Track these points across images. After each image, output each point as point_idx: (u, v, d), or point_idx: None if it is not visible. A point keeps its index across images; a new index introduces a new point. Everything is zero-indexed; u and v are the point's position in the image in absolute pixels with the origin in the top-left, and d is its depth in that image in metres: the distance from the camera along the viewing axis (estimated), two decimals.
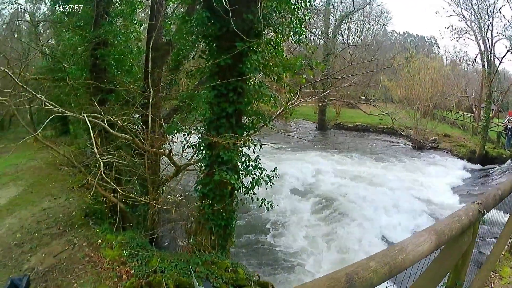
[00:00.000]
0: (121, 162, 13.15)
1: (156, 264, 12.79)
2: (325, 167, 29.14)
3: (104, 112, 12.48)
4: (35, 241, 16.70)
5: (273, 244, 18.08)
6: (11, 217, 20.30)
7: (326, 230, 19.31)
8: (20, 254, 15.95)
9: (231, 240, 14.33)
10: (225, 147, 12.19)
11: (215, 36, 12.43)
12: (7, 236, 17.90)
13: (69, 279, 13.49)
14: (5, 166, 30.20)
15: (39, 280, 13.74)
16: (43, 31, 30.86)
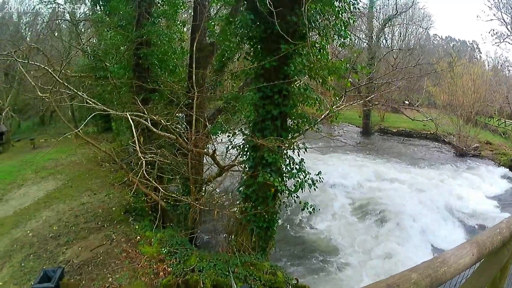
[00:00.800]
0: (163, 161, 13.41)
1: (195, 263, 13.05)
2: (368, 172, 29.15)
3: (147, 111, 12.81)
4: (72, 235, 17.28)
5: (313, 248, 18.20)
6: (48, 210, 20.99)
7: (366, 235, 19.37)
8: (55, 247, 16.52)
9: (272, 242, 14.46)
10: (270, 149, 12.30)
11: (259, 38, 12.61)
12: (43, 228, 18.61)
13: (105, 273, 13.90)
14: (44, 160, 31.12)
15: (73, 273, 14.20)
16: (83, 30, 31.72)
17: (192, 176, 14.53)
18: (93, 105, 13.22)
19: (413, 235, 19.16)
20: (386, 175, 28.88)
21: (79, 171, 27.91)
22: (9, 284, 14.40)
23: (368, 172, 29.32)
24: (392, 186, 26.22)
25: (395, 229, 19.79)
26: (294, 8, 11.65)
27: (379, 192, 25.18)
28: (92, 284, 13.40)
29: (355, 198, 24.39)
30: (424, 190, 25.83)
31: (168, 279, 12.86)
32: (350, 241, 18.93)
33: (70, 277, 13.87)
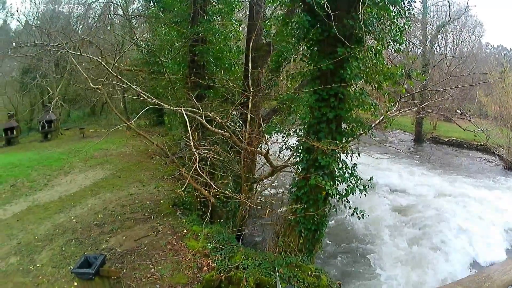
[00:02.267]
0: (216, 157, 13.59)
1: (240, 260, 13.21)
2: (417, 181, 28.94)
3: (202, 107, 12.99)
4: (117, 224, 17.71)
5: (359, 254, 18.26)
6: (94, 198, 21.53)
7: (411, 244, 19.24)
8: (99, 234, 17.00)
9: (319, 245, 14.56)
10: (324, 152, 12.38)
11: (316, 40, 12.68)
12: (88, 215, 19.15)
13: (147, 263, 14.24)
14: (94, 150, 31.93)
15: (115, 261, 14.57)
16: (137, 25, 32.45)
17: (244, 174, 14.68)
18: (146, 99, 13.59)
19: (456, 249, 18.92)
20: (434, 185, 28.48)
21: (129, 163, 28.54)
22: (47, 267, 14.85)
23: (417, 181, 29.02)
24: (439, 197, 25.88)
25: (437, 241, 19.60)
26: (351, 11, 11.69)
27: (426, 201, 24.91)
28: (133, 273, 13.76)
29: (400, 205, 24.22)
30: (470, 203, 25.42)
31: (211, 274, 13.09)
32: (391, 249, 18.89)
33: (112, 264, 14.23)
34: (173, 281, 13.16)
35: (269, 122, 17.61)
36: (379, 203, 23.70)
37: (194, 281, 13.08)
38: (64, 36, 24.50)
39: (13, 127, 44.31)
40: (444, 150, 44.42)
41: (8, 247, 17.07)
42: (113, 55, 16.11)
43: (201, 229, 15.53)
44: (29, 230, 18.53)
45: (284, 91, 21.28)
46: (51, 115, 42.59)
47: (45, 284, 13.85)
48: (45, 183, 25.58)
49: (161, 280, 13.26)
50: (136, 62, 28.15)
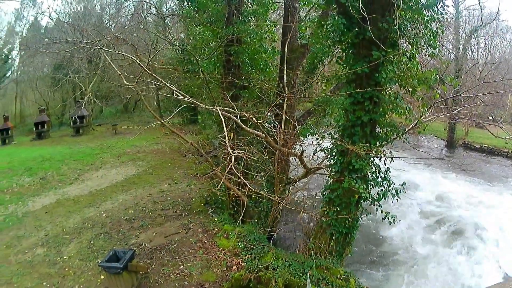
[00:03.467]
0: (251, 157, 13.60)
1: (270, 260, 13.22)
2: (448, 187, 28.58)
3: (237, 107, 13.08)
4: (147, 220, 17.88)
5: (389, 259, 18.11)
6: (125, 193, 21.78)
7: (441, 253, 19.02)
8: (128, 229, 17.21)
9: (349, 249, 14.46)
10: (358, 155, 12.38)
11: (351, 43, 12.64)
12: (118, 210, 19.39)
13: (176, 260, 14.33)
14: (126, 146, 32.37)
15: (144, 256, 14.70)
16: (171, 24, 32.76)
17: (278, 175, 14.71)
18: (182, 97, 13.68)
19: (486, 257, 18.71)
20: (465, 192, 28.12)
21: (161, 160, 28.74)
22: (74, 259, 15.11)
23: (448, 187, 28.67)
24: (470, 205, 25.51)
25: (466, 248, 19.41)
26: (385, 15, 11.69)
27: (456, 208, 24.61)
28: (161, 269, 13.89)
29: (430, 212, 23.97)
30: (501, 211, 25.01)
31: (240, 273, 13.13)
32: (418, 255, 18.71)
33: (140, 260, 14.38)
34: (202, 279, 13.21)
35: (304, 124, 17.61)
36: (409, 208, 23.49)
37: (222, 280, 13.12)
38: (97, 33, 24.79)
39: (44, 122, 44.93)
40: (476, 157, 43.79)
41: (35, 238, 17.39)
42: (146, 53, 16.23)
43: (232, 228, 15.63)
44: (58, 223, 18.81)
45: (318, 93, 21.19)
46: (83, 110, 43.17)
47: (71, 276, 14.07)
48: (75, 177, 25.94)
49: (189, 277, 13.33)
50: (170, 61, 28.38)
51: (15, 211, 21.09)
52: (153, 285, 13.12)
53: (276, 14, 25.66)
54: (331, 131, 15.12)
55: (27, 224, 19.20)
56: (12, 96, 62.80)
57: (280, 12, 25.16)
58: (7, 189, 24.64)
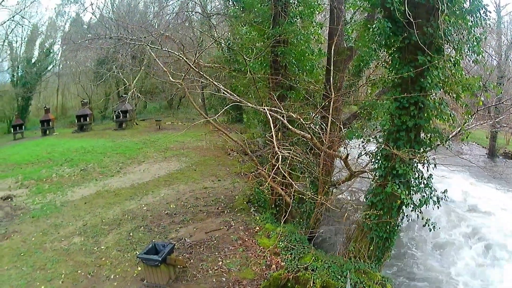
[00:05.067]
0: (297, 158, 13.72)
1: (310, 261, 13.24)
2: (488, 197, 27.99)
3: (283, 108, 13.23)
4: (188, 215, 18.12)
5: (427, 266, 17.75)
6: (168, 188, 22.06)
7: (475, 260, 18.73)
8: (169, 223, 17.49)
9: (388, 254, 14.44)
10: (402, 160, 12.39)
11: (397, 47, 12.63)
12: (160, 204, 19.69)
13: (216, 256, 14.47)
14: (170, 142, 33.03)
15: (183, 251, 14.91)
16: (216, 23, 33.06)
17: (322, 176, 14.70)
18: (229, 96, 13.84)
19: None
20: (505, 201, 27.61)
21: (205, 157, 29.06)
22: (112, 250, 15.42)
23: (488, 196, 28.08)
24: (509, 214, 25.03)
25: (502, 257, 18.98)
26: (430, 19, 11.67)
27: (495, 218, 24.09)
28: (200, 264, 14.01)
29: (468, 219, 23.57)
30: None
31: (279, 273, 13.16)
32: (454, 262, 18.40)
33: (179, 254, 14.56)
34: (240, 276, 13.28)
35: (349, 127, 17.61)
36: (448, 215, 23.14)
37: (261, 278, 13.17)
38: (142, 30, 25.17)
39: (87, 115, 45.76)
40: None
41: (73, 227, 17.83)
42: (192, 51, 16.40)
43: (274, 228, 15.75)
44: (97, 213, 19.23)
45: (364, 96, 21.13)
46: (126, 105, 43.81)
47: (107, 266, 14.37)
48: (117, 170, 26.44)
49: (227, 274, 13.42)
50: (216, 59, 28.59)
51: (53, 200, 21.66)
52: (190, 279, 13.25)
53: (321, 16, 25.66)
54: (376, 135, 15.10)
55: (65, 213, 19.67)
56: (54, 89, 64.25)
57: (325, 14, 25.16)
58: (46, 179, 25.31)
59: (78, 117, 46.52)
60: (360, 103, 18.17)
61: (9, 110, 58.78)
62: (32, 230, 18.03)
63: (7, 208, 21.31)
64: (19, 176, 26.30)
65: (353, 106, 20.58)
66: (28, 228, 18.40)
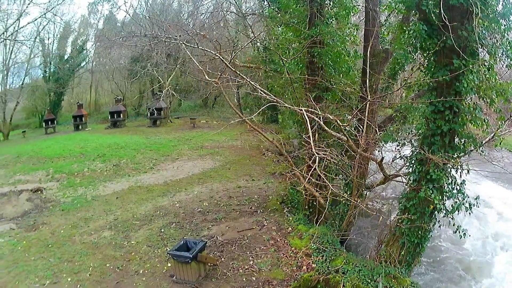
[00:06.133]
0: (333, 160, 13.70)
1: (341, 264, 13.19)
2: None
3: (320, 109, 13.22)
4: (221, 213, 18.30)
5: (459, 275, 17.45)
6: (201, 186, 22.35)
7: (503, 269, 18.42)
8: (201, 221, 17.68)
9: (418, 259, 14.34)
10: (436, 165, 12.34)
11: (432, 50, 12.55)
12: (192, 202, 19.93)
13: (247, 255, 14.59)
14: (204, 140, 33.51)
15: (214, 249, 15.08)
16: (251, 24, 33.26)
17: (356, 179, 14.71)
18: (265, 96, 13.96)
19: None
20: None
21: (239, 156, 29.35)
22: (142, 245, 15.66)
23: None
24: None
25: None
26: (464, 23, 11.56)
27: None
28: (231, 263, 14.14)
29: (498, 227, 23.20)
30: None
31: (310, 274, 13.16)
32: (483, 271, 18.11)
33: (210, 251, 14.70)
34: (270, 276, 13.33)
35: (385, 130, 17.61)
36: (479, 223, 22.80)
37: (291, 279, 13.19)
38: (177, 29, 25.41)
39: (120, 111, 46.49)
40: None
41: (103, 221, 18.20)
42: (228, 51, 16.54)
43: (306, 229, 15.78)
44: (128, 209, 19.54)
45: (399, 99, 20.99)
46: (161, 103, 44.45)
47: (136, 260, 14.59)
48: (150, 166, 26.91)
49: (258, 273, 13.51)
50: (253, 59, 28.71)
51: (84, 194, 22.22)
52: (220, 277, 13.36)
53: (355, 17, 25.58)
54: (411, 138, 15.05)
55: (96, 207, 20.07)
56: (87, 85, 65.58)
57: (359, 16, 25.08)
58: (78, 173, 25.97)
59: (112, 113, 47.39)
60: (395, 106, 18.04)
61: (41, 105, 60.60)
62: (62, 223, 18.46)
63: (37, 200, 21.88)
64: (50, 169, 26.95)
65: (387, 109, 20.44)
66: (58, 220, 18.84)
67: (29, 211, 20.69)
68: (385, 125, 18.35)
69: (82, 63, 66.69)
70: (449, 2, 11.23)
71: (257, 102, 37.97)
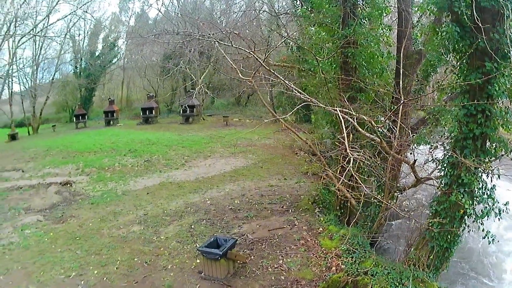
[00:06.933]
0: (366, 161, 13.76)
1: (370, 266, 13.11)
2: None
3: (353, 110, 13.14)
4: (252, 212, 18.37)
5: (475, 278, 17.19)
6: (233, 184, 22.51)
7: None
8: (232, 219, 17.80)
9: (446, 264, 14.26)
10: (467, 169, 12.31)
11: (465, 53, 12.46)
12: (224, 199, 20.06)
13: (277, 254, 14.59)
14: (236, 138, 33.46)
15: (244, 247, 15.17)
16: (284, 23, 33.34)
17: (388, 181, 14.69)
18: (299, 95, 13.99)
19: None
20: None
21: (272, 155, 29.40)
22: (171, 241, 15.80)
23: None
24: None
25: None
26: (496, 25, 11.52)
27: None
28: (260, 261, 14.15)
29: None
30: None
31: (339, 275, 13.14)
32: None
33: (240, 249, 14.76)
34: (299, 276, 13.32)
35: (417, 132, 17.60)
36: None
37: (319, 279, 13.16)
38: (210, 27, 25.64)
39: (152, 108, 47.00)
40: None
41: (133, 216, 18.44)
42: (262, 50, 16.64)
43: (337, 230, 15.78)
44: (159, 204, 19.77)
45: (431, 101, 20.86)
46: (194, 100, 44.78)
47: (165, 256, 14.73)
48: (182, 163, 27.20)
49: (287, 273, 13.52)
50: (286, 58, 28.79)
51: (114, 189, 22.59)
52: (249, 275, 13.38)
53: (387, 18, 25.49)
54: (443, 141, 14.99)
55: (126, 202, 20.35)
56: (119, 82, 66.55)
57: (391, 16, 24.99)
58: (109, 167, 26.43)
59: (144, 109, 48.00)
60: (428, 108, 17.92)
61: (72, 100, 62.08)
62: (90, 216, 18.79)
63: (66, 193, 22.36)
64: (80, 163, 27.50)
65: (419, 111, 20.31)
66: (86, 213, 19.19)
67: (57, 203, 21.10)
68: (418, 127, 18.29)
69: (114, 59, 68.32)
70: (481, 4, 11.22)
71: (290, 101, 38.30)
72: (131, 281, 13.21)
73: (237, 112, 54.89)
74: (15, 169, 27.77)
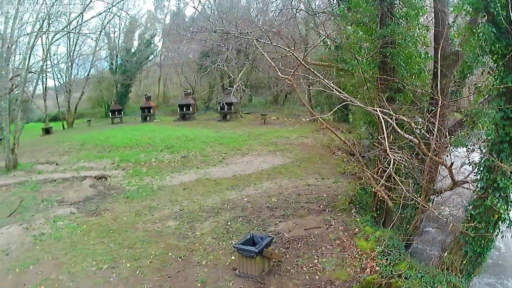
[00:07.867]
0: (402, 163, 13.59)
1: (404, 269, 13.03)
2: None
3: (392, 110, 13.29)
4: (289, 210, 18.49)
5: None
6: (270, 182, 22.68)
7: None
8: (269, 217, 17.93)
9: (479, 269, 14.11)
10: (503, 173, 12.20)
11: (501, 54, 12.30)
12: (261, 197, 20.23)
13: (312, 253, 14.66)
14: (275, 136, 33.78)
15: (280, 245, 15.28)
16: (321, 22, 33.34)
17: (425, 183, 14.65)
18: (339, 94, 14.14)
19: None
20: None
21: (310, 154, 29.44)
22: (207, 237, 16.04)
23: None
24: None
25: None
26: None
27: None
28: (295, 260, 14.22)
29: None
30: None
31: (373, 277, 13.11)
32: None
33: (276, 247, 14.86)
34: (333, 276, 13.33)
35: (455, 134, 17.56)
36: None
37: (353, 280, 13.16)
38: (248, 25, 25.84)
39: (190, 104, 47.58)
40: None
41: (168, 211, 18.78)
42: (300, 48, 16.66)
43: (373, 231, 15.77)
44: (195, 200, 20.07)
45: (467, 103, 20.66)
46: (231, 97, 45.18)
47: (200, 251, 14.95)
48: (219, 160, 27.58)
49: (321, 272, 13.54)
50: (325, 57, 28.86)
51: (150, 183, 23.02)
52: (283, 274, 13.44)
53: (423, 19, 25.30)
54: (480, 144, 14.90)
55: (162, 197, 20.75)
56: (155, 78, 67.54)
57: (427, 16, 24.79)
58: (145, 163, 26.86)
59: (181, 106, 48.64)
60: (465, 110, 17.76)
61: (108, 95, 63.52)
62: (125, 210, 19.22)
63: (100, 187, 23.00)
64: (116, 158, 28.12)
65: (456, 113, 20.11)
66: (121, 207, 19.64)
67: (91, 196, 21.69)
68: (455, 130, 18.18)
69: (150, 56, 69.23)
70: None
71: (328, 100, 38.07)
72: (164, 276, 13.44)
73: (274, 111, 54.80)
74: (48, 162, 28.55)
